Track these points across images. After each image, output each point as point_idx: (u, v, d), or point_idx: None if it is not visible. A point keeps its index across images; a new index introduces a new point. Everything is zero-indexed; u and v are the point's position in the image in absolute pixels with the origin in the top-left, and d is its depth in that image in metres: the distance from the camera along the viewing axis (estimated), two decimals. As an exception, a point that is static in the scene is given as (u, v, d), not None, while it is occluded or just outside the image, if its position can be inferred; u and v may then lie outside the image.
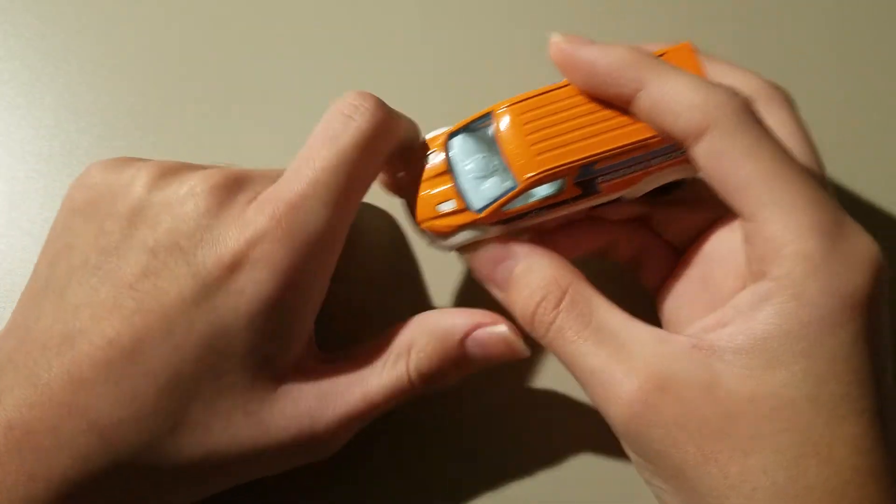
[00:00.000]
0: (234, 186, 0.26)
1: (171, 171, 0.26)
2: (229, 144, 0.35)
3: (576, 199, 0.26)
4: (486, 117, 0.26)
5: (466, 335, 0.26)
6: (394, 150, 0.27)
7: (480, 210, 0.26)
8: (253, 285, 0.24)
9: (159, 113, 0.35)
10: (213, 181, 0.25)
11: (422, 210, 0.27)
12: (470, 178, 0.26)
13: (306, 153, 0.26)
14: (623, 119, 0.25)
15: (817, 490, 0.21)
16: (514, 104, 0.25)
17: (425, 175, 0.27)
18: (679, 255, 0.29)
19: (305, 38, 0.37)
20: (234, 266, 0.24)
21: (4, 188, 0.34)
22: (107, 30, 0.37)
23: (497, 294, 0.27)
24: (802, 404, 0.22)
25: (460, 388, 0.29)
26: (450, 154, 0.27)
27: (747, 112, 0.24)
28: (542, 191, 0.26)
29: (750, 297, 0.23)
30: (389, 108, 0.27)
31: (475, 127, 0.26)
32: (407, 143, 0.28)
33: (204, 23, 0.37)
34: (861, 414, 0.22)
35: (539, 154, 0.25)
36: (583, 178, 0.25)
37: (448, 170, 0.27)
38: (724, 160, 0.23)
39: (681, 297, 0.28)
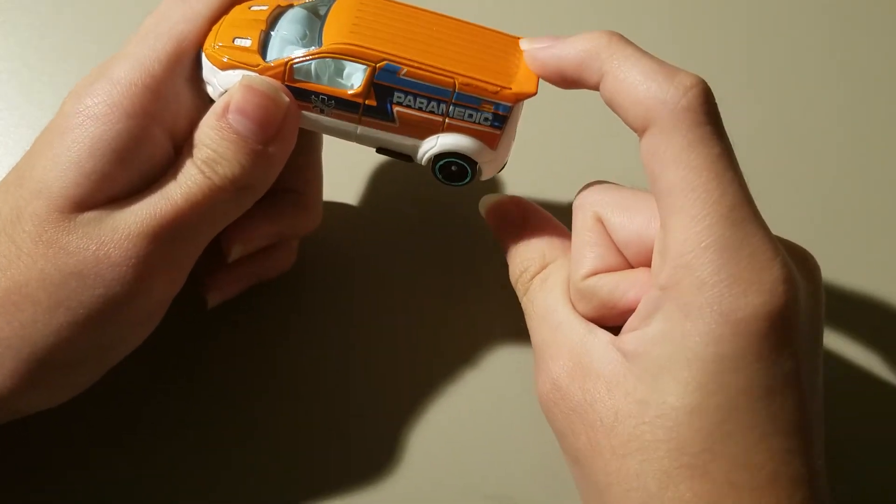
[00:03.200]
0: None
1: None
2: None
3: (367, 112, 0.25)
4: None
5: (225, 110, 0.25)
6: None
7: (270, 60, 0.25)
8: (55, 120, 0.25)
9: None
10: None
11: (214, 35, 0.25)
12: (280, 37, 0.25)
13: None
14: (462, 57, 0.25)
15: (689, 503, 0.21)
16: None
17: (243, 12, 0.26)
18: None
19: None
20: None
21: (4, 188, 0.34)
22: (107, 30, 0.37)
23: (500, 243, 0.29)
24: (683, 416, 0.21)
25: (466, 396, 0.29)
26: (279, 14, 0.26)
27: (692, 110, 0.22)
28: (335, 81, 0.25)
29: (647, 304, 0.23)
30: None
31: (319, 4, 0.26)
32: None
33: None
34: (750, 430, 0.21)
35: (352, 32, 0.24)
36: (382, 84, 0.25)
37: (266, 22, 0.26)
38: (655, 162, 0.23)
39: None
